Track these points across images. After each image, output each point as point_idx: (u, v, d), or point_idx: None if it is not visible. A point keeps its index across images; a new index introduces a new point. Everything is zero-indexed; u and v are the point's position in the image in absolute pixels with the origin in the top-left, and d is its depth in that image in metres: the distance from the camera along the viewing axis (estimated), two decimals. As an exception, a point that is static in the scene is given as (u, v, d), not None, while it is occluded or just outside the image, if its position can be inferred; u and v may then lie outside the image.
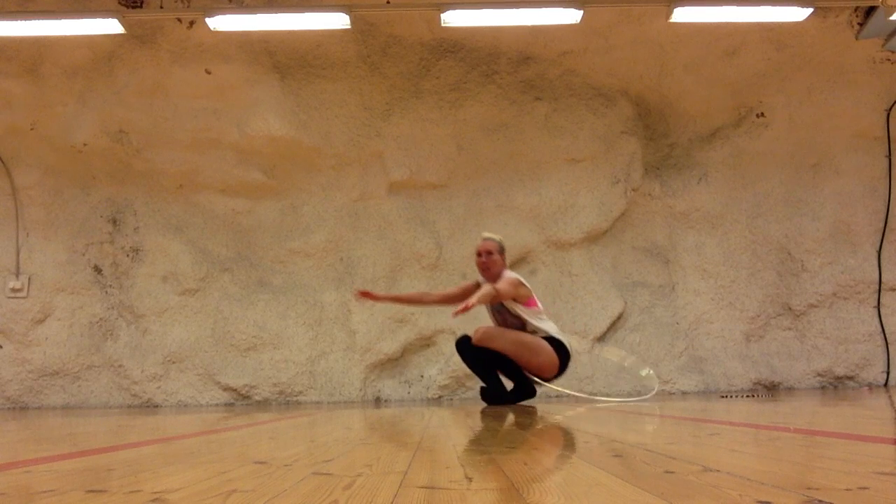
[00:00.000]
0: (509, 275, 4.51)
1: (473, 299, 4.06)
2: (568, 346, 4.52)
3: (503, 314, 4.59)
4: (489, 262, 4.54)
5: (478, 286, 4.67)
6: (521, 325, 4.54)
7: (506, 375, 4.59)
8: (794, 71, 6.64)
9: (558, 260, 6.63)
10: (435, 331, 6.43)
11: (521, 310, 4.50)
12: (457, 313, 3.96)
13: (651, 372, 5.74)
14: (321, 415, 3.65)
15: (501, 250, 4.63)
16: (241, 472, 1.22)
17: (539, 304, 4.64)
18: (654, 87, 6.77)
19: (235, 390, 6.32)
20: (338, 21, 5.62)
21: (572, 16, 5.55)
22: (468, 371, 6.29)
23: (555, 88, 6.67)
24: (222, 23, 5.62)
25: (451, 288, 5.10)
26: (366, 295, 4.73)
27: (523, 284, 4.48)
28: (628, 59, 6.59)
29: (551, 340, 4.49)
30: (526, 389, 4.59)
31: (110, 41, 6.20)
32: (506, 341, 4.45)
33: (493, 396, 4.58)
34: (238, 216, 6.69)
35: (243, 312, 6.44)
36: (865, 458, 1.23)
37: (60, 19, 5.58)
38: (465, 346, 4.60)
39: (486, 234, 4.71)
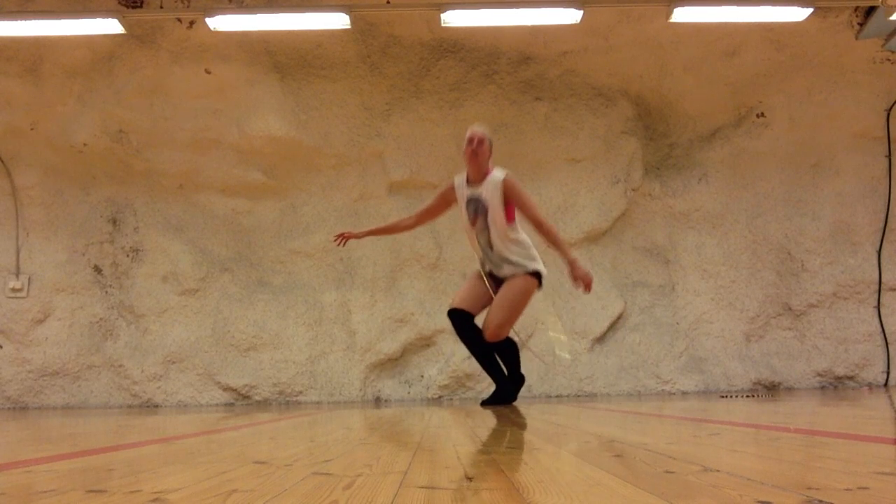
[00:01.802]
0: (508, 175, 4.34)
1: (577, 263, 4.31)
2: (542, 272, 4.47)
3: (483, 222, 4.36)
4: (480, 150, 4.33)
5: (452, 189, 4.50)
6: (491, 244, 4.37)
7: (504, 361, 4.51)
8: (794, 71, 6.65)
9: (558, 260, 6.60)
10: (435, 331, 6.44)
11: (505, 226, 4.32)
12: (576, 281, 4.27)
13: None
14: (321, 415, 3.65)
15: (490, 145, 4.44)
16: (241, 472, 1.22)
17: (516, 218, 4.45)
18: (654, 87, 6.77)
19: (235, 390, 6.32)
20: (338, 21, 5.63)
21: (572, 16, 5.55)
22: (468, 371, 6.31)
23: (555, 88, 6.67)
24: (222, 23, 5.62)
25: (428, 202, 4.72)
26: (345, 236, 4.65)
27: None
28: (628, 59, 6.59)
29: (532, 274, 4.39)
30: (520, 380, 4.56)
31: (110, 41, 6.20)
32: (511, 321, 4.39)
33: (494, 400, 4.50)
34: (238, 216, 6.70)
35: (243, 312, 6.44)
36: (865, 458, 1.23)
37: (60, 19, 5.59)
38: (463, 323, 4.41)
39: (477, 124, 4.54)
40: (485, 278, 4.47)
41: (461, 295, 4.50)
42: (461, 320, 4.42)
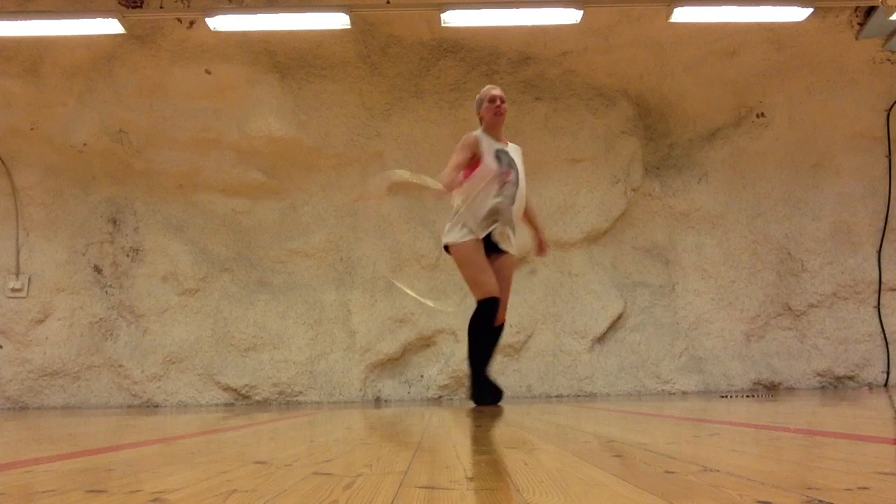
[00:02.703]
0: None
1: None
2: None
3: (515, 176, 4.29)
4: (504, 109, 4.38)
5: (477, 141, 4.25)
6: (514, 199, 4.26)
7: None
8: (794, 71, 6.65)
9: (558, 260, 6.63)
10: (435, 331, 6.44)
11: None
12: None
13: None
14: (321, 415, 3.65)
15: None
16: (241, 472, 1.22)
17: None
18: (654, 87, 6.77)
19: (235, 390, 6.32)
20: (338, 21, 5.63)
21: (572, 16, 5.55)
22: (468, 371, 6.29)
23: (555, 88, 6.67)
24: (222, 23, 5.62)
25: (457, 158, 4.17)
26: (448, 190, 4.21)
27: None
28: (628, 59, 6.59)
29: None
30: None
31: (110, 41, 6.20)
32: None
33: (485, 399, 4.39)
34: (238, 216, 6.70)
35: (243, 312, 6.44)
36: (865, 458, 1.23)
37: (60, 19, 5.59)
38: (496, 314, 4.21)
39: (492, 86, 4.52)
40: (480, 246, 4.21)
41: (494, 279, 4.19)
42: (496, 311, 4.20)
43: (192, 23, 6.17)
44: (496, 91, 4.44)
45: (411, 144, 6.58)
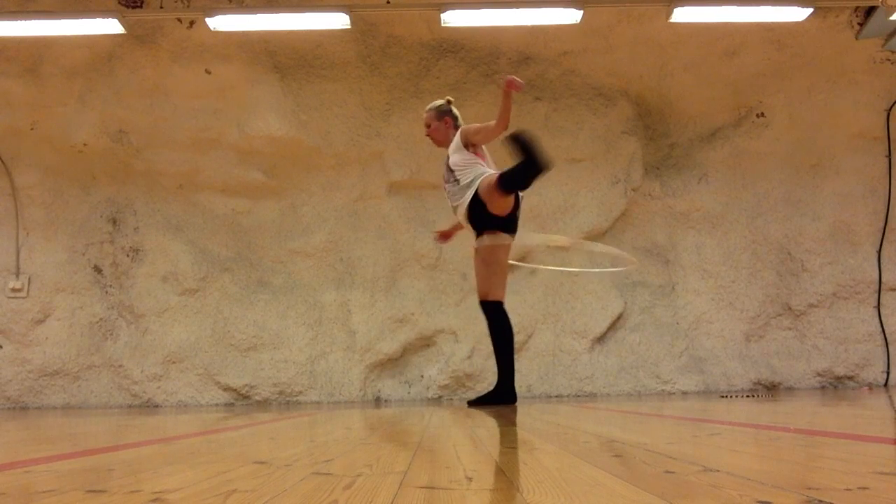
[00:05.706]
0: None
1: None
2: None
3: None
4: (430, 132, 4.63)
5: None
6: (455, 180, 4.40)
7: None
8: (794, 71, 6.65)
9: (558, 260, 6.63)
10: (435, 331, 6.44)
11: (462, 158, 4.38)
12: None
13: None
14: (321, 415, 3.65)
15: (440, 116, 4.60)
16: (241, 472, 1.22)
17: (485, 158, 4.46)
18: (654, 87, 6.77)
19: (235, 390, 6.32)
20: (338, 21, 5.63)
21: (572, 16, 5.55)
22: (468, 371, 6.32)
23: (555, 88, 6.67)
24: (222, 23, 5.63)
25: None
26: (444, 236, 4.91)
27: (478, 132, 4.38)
28: (628, 59, 6.59)
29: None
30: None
31: (110, 41, 6.20)
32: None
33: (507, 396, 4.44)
34: (238, 216, 6.70)
35: (243, 312, 6.44)
36: (865, 458, 1.23)
37: (60, 19, 5.59)
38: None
39: (428, 107, 4.68)
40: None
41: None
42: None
43: (192, 23, 6.17)
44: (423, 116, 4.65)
45: (411, 144, 6.58)
